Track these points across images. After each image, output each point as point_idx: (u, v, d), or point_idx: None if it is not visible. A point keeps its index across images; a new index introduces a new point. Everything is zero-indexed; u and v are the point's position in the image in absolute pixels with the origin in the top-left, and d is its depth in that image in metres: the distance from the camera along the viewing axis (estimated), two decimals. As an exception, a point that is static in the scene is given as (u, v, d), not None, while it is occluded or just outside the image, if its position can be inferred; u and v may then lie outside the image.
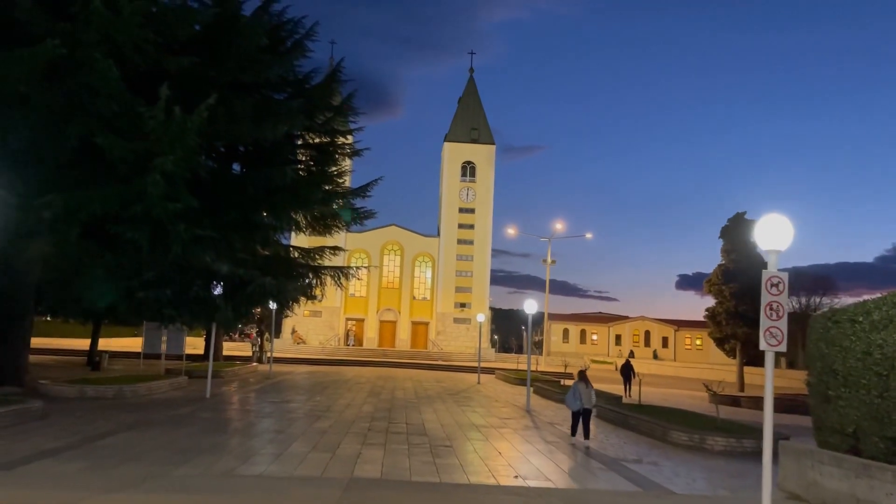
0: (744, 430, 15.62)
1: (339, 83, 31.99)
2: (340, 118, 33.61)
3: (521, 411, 21.94)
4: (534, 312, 22.59)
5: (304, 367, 43.01)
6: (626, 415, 18.91)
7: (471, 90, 73.23)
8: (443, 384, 33.22)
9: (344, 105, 32.71)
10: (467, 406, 22.82)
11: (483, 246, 69.24)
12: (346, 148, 35.22)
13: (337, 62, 32.09)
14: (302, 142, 31.87)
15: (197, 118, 18.89)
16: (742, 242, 47.75)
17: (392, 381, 34.01)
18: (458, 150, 70.51)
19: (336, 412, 18.89)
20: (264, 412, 18.71)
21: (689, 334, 79.00)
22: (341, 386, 28.99)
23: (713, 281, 48.06)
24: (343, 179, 35.61)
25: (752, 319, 45.78)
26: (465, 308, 68.47)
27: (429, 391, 28.43)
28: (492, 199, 69.73)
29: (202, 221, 19.63)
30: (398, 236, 70.51)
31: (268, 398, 22.73)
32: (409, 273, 70.00)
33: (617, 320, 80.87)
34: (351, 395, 24.43)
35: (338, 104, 32.52)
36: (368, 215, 36.69)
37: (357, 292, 69.46)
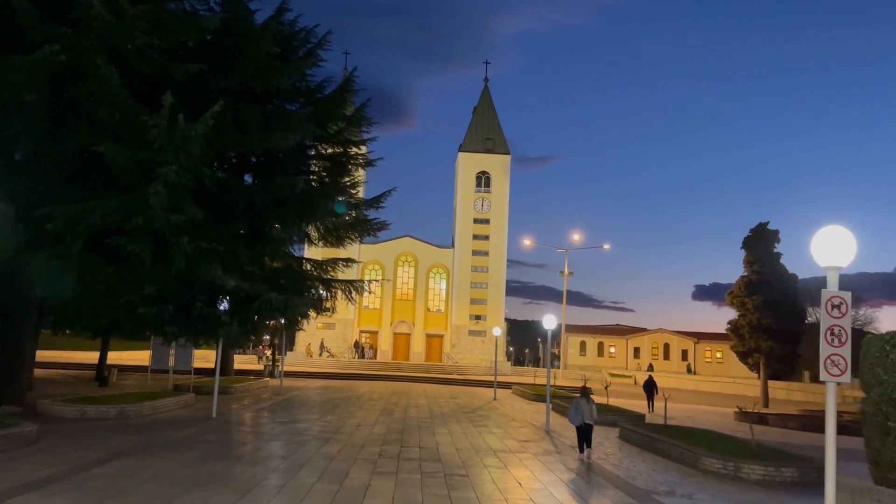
0: (782, 458, 14.53)
1: (352, 92, 31.29)
2: (353, 128, 32.90)
3: (541, 432, 20.92)
4: (553, 327, 21.62)
5: (317, 382, 42.15)
6: (652, 437, 17.84)
7: (485, 100, 72.54)
8: (457, 400, 32.23)
9: (357, 115, 31.99)
10: (483, 426, 21.83)
11: (498, 257, 68.29)
12: (359, 158, 34.51)
13: (350, 71, 31.41)
14: (314, 152, 31.21)
15: (202, 126, 18.17)
16: (765, 253, 46.53)
17: (406, 396, 33.06)
18: (472, 161, 69.74)
19: (346, 434, 17.98)
20: (271, 434, 17.84)
21: (709, 347, 77.42)
22: (353, 403, 28.09)
23: (735, 293, 46.75)
24: (356, 190, 34.91)
25: (776, 332, 44.46)
26: (480, 320, 67.46)
27: (443, 409, 27.46)
28: (507, 210, 68.85)
29: (208, 234, 18.88)
30: (412, 248, 69.73)
31: (277, 417, 21.87)
32: (424, 285, 69.16)
33: (635, 332, 79.43)
34: (363, 414, 23.52)
35: (350, 114, 31.86)
36: (381, 227, 35.96)
37: (371, 304, 68.69)
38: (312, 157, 31.10)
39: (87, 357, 44.25)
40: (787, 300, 45.11)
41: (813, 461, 14.26)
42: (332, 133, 31.09)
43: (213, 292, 18.81)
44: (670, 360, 76.35)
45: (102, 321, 19.60)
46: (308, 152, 30.56)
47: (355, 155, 34.11)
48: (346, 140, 32.53)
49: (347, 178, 33.11)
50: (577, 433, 16.41)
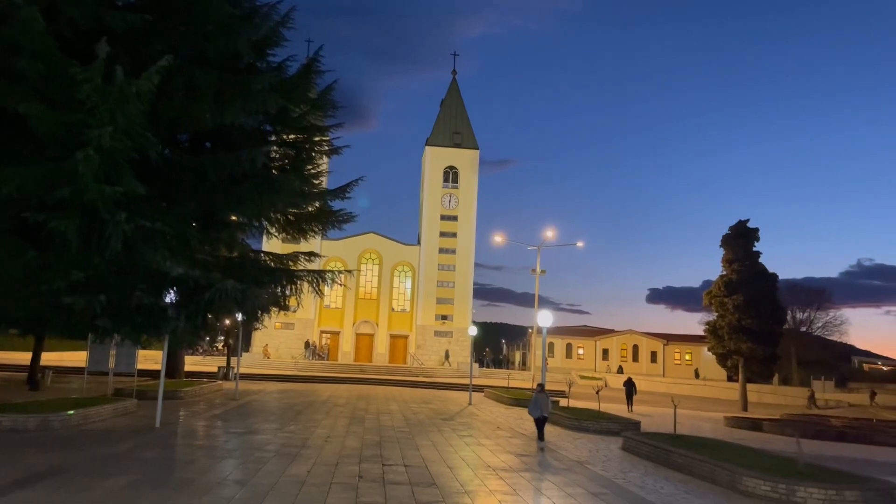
0: (840, 478, 12.31)
1: (317, 74, 28.57)
2: (318, 112, 30.17)
3: (534, 443, 18.47)
4: (549, 325, 19.23)
5: (275, 385, 39.10)
6: (668, 450, 15.53)
7: (453, 93, 70.11)
8: (431, 406, 29.64)
9: (322, 98, 29.24)
10: (469, 436, 19.30)
11: (466, 255, 65.87)
12: (323, 145, 31.74)
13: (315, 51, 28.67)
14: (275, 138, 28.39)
15: (145, 83, 15.27)
16: (745, 252, 45.00)
17: (374, 401, 30.35)
18: (440, 155, 67.22)
19: (315, 448, 15.26)
20: (225, 449, 15.00)
21: (678, 349, 76.20)
22: (318, 409, 25.29)
23: (714, 292, 45.13)
24: (320, 180, 32.13)
25: (756, 334, 42.94)
26: (446, 320, 64.94)
27: (418, 415, 24.86)
28: (475, 207, 66.53)
29: (151, 213, 16.00)
30: (376, 244, 66.89)
31: (232, 427, 18.99)
32: (388, 283, 66.36)
33: (604, 334, 77.76)
34: (330, 423, 20.77)
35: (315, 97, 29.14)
36: (348, 218, 33.10)
37: (333, 303, 65.64)
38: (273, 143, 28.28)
39: (20, 358, 40.40)
40: (768, 300, 43.66)
41: (879, 482, 12.10)
42: (295, 117, 28.43)
43: (156, 281, 15.92)
44: (639, 361, 74.86)
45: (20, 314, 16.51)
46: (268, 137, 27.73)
47: (319, 142, 31.39)
48: (310, 126, 29.85)
49: (311, 166, 30.41)
50: (536, 424, 18.70)
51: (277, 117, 27.86)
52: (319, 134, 30.97)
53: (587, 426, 22.79)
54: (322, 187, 32.69)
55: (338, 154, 32.05)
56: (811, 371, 60.46)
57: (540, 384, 19.50)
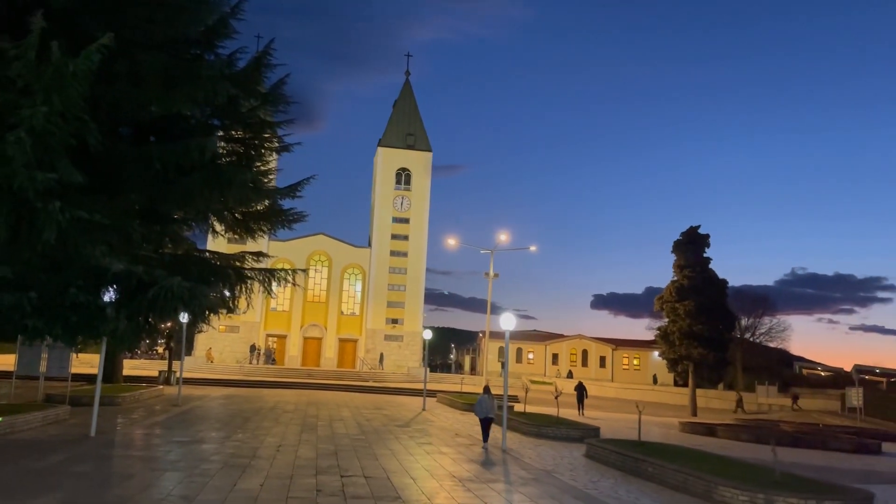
0: (815, 487, 11.93)
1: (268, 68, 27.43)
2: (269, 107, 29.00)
3: (497, 451, 17.77)
4: (512, 328, 18.56)
5: (220, 391, 37.54)
6: (637, 459, 15.01)
7: (406, 94, 69.29)
8: (385, 412, 28.69)
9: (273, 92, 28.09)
10: (428, 444, 18.49)
11: (418, 258, 65.04)
12: (273, 142, 30.52)
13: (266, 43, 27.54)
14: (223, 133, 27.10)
15: (84, 63, 14.00)
16: (696, 258, 45.43)
17: (324, 407, 29.24)
18: (392, 157, 66.28)
19: (266, 459, 14.22)
20: (168, 460, 13.83)
21: (626, 354, 76.86)
22: (266, 416, 24.10)
23: (666, 298, 45.41)
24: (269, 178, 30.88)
25: (707, 339, 43.31)
26: (397, 324, 63.95)
27: (373, 422, 23.92)
28: (427, 209, 65.80)
29: (89, 203, 14.71)
30: (326, 246, 65.47)
31: (174, 435, 17.74)
32: (338, 286, 65.00)
33: (554, 339, 77.87)
34: (281, 430, 19.68)
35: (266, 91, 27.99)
36: (298, 218, 31.83)
37: (280, 306, 63.93)
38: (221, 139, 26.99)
39: (-58, 361, 37.83)
40: (718, 307, 44.14)
41: (857, 491, 11.77)
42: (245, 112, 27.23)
43: (93, 277, 14.65)
44: (588, 366, 75.18)
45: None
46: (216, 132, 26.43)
47: (270, 138, 30.19)
48: (260, 121, 28.67)
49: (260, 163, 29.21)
50: (481, 425, 18.79)
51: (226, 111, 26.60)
52: (269, 130, 29.78)
53: (547, 432, 22.25)
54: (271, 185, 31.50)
55: (288, 151, 30.81)
56: (755, 376, 61.55)
57: (486, 386, 20.22)
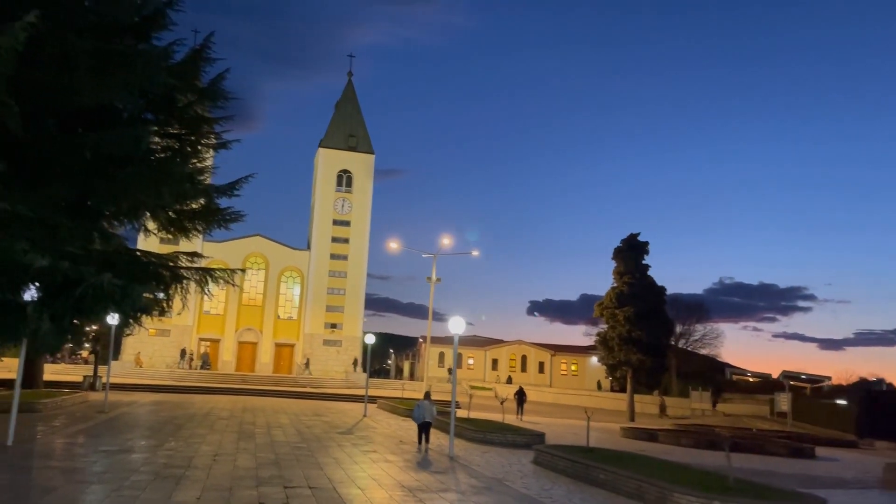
0: (769, 493, 11.85)
1: (207, 62, 26.40)
2: (207, 102, 27.89)
3: (444, 458, 17.28)
4: (461, 332, 18.11)
5: (149, 397, 35.89)
6: (588, 465, 14.75)
7: (349, 95, 68.34)
8: (325, 419, 27.84)
9: (212, 87, 27.05)
10: (373, 451, 17.84)
11: (358, 262, 64.08)
12: (210, 138, 29.35)
13: (205, 36, 26.47)
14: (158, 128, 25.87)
15: (7, 40, 12.96)
16: (636, 265, 46.05)
17: (262, 414, 28.18)
18: (334, 158, 65.19)
19: (202, 469, 13.35)
20: (92, 472, 12.80)
21: (565, 359, 77.56)
22: (200, 422, 22.98)
23: (606, 304, 45.84)
24: (204, 176, 29.65)
25: (646, 345, 43.89)
26: (336, 329, 62.81)
27: (313, 429, 23.09)
28: (369, 212, 64.93)
29: (10, 194, 13.61)
30: (263, 248, 63.82)
31: (101, 444, 16.58)
32: (275, 289, 63.43)
33: (493, 344, 77.96)
34: (217, 438, 18.70)
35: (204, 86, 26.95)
36: (236, 217, 30.70)
37: (213, 309, 61.95)
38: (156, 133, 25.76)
39: None
40: (657, 313, 44.80)
41: (810, 497, 11.74)
42: (182, 106, 26.10)
43: (14, 273, 13.51)
44: (527, 372, 75.49)
45: None
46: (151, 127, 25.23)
47: (206, 133, 29.02)
48: (197, 116, 27.55)
49: (196, 160, 28.08)
50: (419, 429, 19.22)
51: (161, 105, 25.46)
52: (207, 126, 28.66)
53: (493, 439, 21.89)
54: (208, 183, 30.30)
55: (226, 148, 29.80)
56: (689, 382, 62.91)
57: (427, 392, 20.84)
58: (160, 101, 24.86)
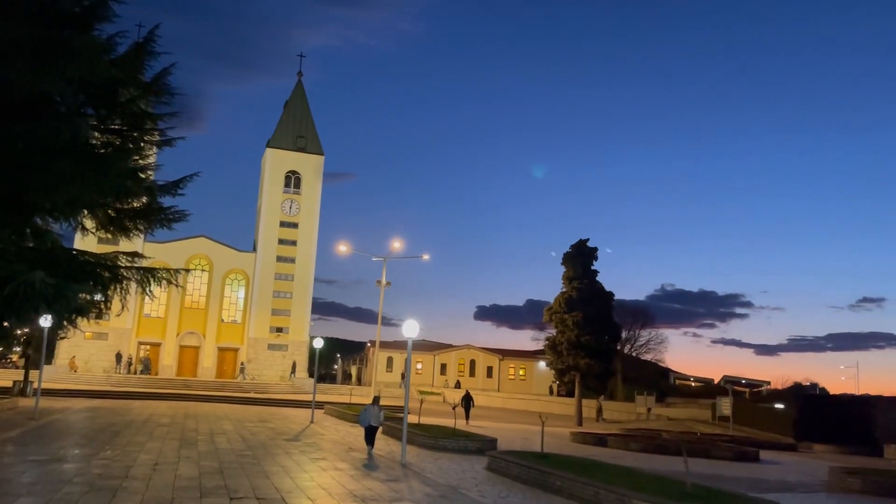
0: (726, 499, 11.81)
1: (152, 55, 25.40)
2: (151, 98, 26.84)
3: (396, 465, 16.84)
4: (415, 335, 17.70)
5: (84, 402, 34.37)
6: (544, 472, 14.52)
7: (298, 95, 67.20)
8: (270, 425, 27.04)
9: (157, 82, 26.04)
10: (322, 459, 17.28)
11: (306, 264, 62.92)
12: (153, 135, 28.27)
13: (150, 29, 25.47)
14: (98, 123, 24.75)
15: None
16: (585, 270, 46.37)
17: (204, 420, 27.21)
18: (282, 158, 63.94)
19: (140, 479, 12.61)
20: (20, 483, 11.95)
21: (513, 364, 77.77)
22: (139, 430, 21.99)
23: (555, 309, 46.00)
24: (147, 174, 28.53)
25: (594, 350, 44.18)
26: (281, 333, 61.51)
27: (258, 436, 22.33)
28: (318, 214, 63.87)
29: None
30: (207, 249, 62.13)
31: (29, 453, 15.60)
32: (219, 292, 61.78)
33: (442, 349, 77.61)
34: (157, 446, 17.84)
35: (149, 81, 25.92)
36: (180, 217, 29.58)
37: (153, 312, 59.99)
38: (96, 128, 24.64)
39: None
40: (605, 318, 45.16)
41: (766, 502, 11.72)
42: (124, 101, 25.03)
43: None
44: (476, 376, 75.41)
45: None
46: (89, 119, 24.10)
47: (150, 130, 27.94)
48: (140, 112, 26.49)
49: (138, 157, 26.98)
50: (365, 433, 19.59)
51: (103, 99, 24.39)
52: (150, 122, 27.62)
53: (444, 444, 21.53)
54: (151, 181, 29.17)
55: (171, 146, 28.62)
56: (634, 387, 63.78)
57: (376, 397, 20.98)
58: (101, 95, 23.79)
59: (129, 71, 24.22)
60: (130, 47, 24.45)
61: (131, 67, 24.62)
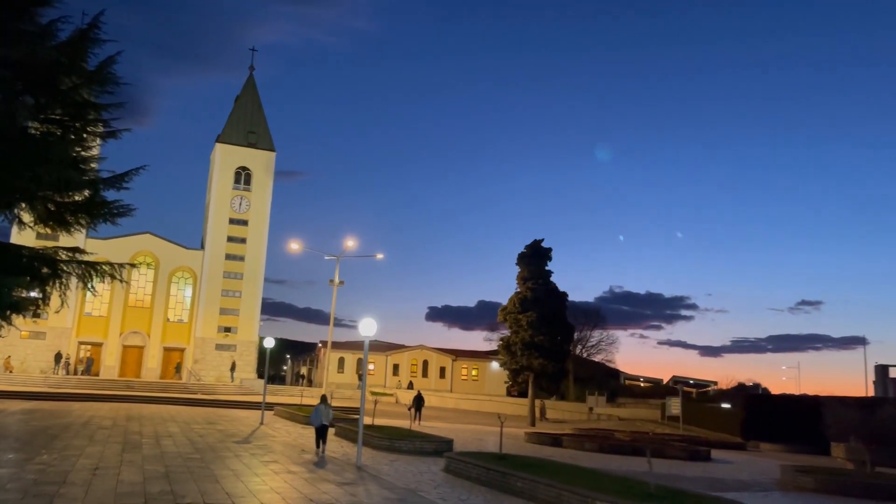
0: (691, 500, 11.66)
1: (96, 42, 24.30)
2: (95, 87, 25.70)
3: (351, 468, 16.31)
4: (372, 334, 17.19)
5: (20, 404, 32.77)
6: (504, 473, 14.21)
7: (250, 90, 65.80)
8: (219, 427, 26.15)
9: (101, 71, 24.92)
10: (274, 462, 16.64)
11: (256, 262, 61.56)
12: (97, 126, 27.10)
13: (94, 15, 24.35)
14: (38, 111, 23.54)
15: None
16: (539, 271, 46.40)
17: (149, 423, 26.15)
18: (232, 154, 62.46)
19: (79, 485, 11.83)
20: (-54, 491, 11.07)
21: (466, 364, 77.60)
22: (78, 433, 20.92)
23: (509, 309, 45.89)
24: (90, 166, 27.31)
25: (548, 350, 44.23)
26: (230, 333, 60.03)
27: (206, 438, 21.49)
28: (268, 212, 62.57)
29: None
30: (153, 246, 60.25)
31: (-43, 459, 14.59)
32: (164, 290, 59.96)
33: (395, 349, 76.92)
34: (97, 450, 16.94)
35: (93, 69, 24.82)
36: (125, 211, 28.36)
37: (95, 311, 57.88)
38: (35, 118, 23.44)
39: None
40: (559, 318, 45.26)
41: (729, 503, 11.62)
42: (66, 90, 23.88)
43: None
44: (429, 377, 74.98)
45: None
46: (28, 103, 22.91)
47: (94, 121, 26.77)
48: (84, 101, 25.33)
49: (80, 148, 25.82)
50: (316, 433, 19.61)
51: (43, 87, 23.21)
52: (94, 112, 26.44)
53: (400, 446, 21.07)
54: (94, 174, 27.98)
55: (115, 138, 27.26)
56: (585, 387, 64.32)
57: (324, 396, 21.03)
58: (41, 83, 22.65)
59: (71, 57, 23.14)
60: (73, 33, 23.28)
61: (74, 54, 23.46)
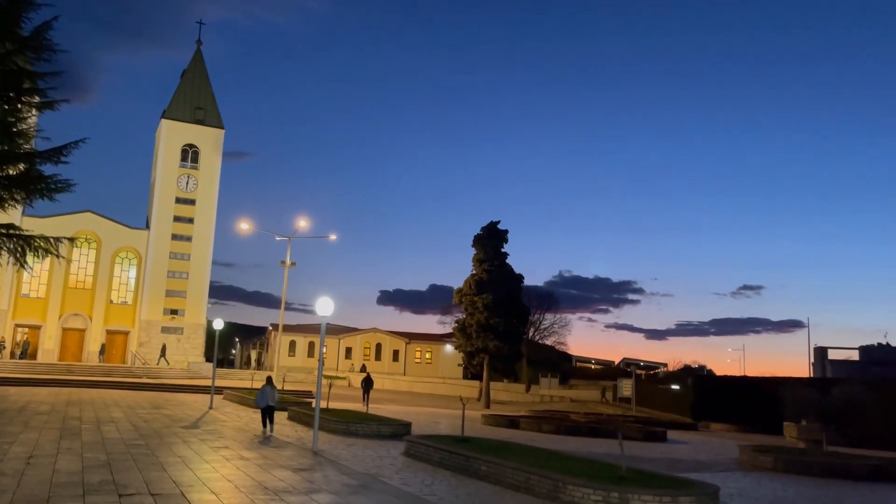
0: (664, 482, 11.34)
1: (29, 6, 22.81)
2: (29, 54, 24.16)
3: (307, 453, 15.60)
4: (329, 314, 16.43)
5: (-51, 390, 30.95)
6: (469, 457, 13.69)
7: (197, 65, 63.57)
8: (165, 412, 25.05)
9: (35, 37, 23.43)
10: (225, 448, 15.80)
11: (203, 243, 59.74)
12: (33, 97, 25.51)
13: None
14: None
15: None
16: (495, 253, 46.13)
17: (91, 408, 24.90)
18: (178, 131, 60.30)
19: (11, 475, 10.86)
20: None
21: (419, 347, 77.14)
22: (13, 419, 19.66)
23: (465, 291, 45.59)
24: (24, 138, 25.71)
25: (503, 333, 44.07)
26: (177, 315, 58.22)
27: (152, 423, 20.46)
28: (217, 191, 60.73)
29: None
30: (94, 225, 57.90)
31: None
32: (107, 271, 57.75)
33: (348, 332, 75.93)
34: (32, 437, 15.83)
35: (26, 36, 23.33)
36: (63, 187, 26.86)
37: (33, 292, 55.43)
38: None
39: None
40: (514, 300, 45.13)
41: (705, 486, 11.33)
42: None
43: None
44: (382, 360, 74.28)
45: None
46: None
47: (29, 90, 25.18)
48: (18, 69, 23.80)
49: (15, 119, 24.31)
50: (262, 414, 19.76)
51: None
52: (28, 81, 24.86)
53: (357, 430, 20.42)
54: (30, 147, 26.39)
55: (52, 109, 25.88)
56: (538, 369, 64.56)
57: (269, 377, 20.80)
58: (-30, 49, 21.19)
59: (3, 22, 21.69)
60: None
61: (6, 19, 22.07)
